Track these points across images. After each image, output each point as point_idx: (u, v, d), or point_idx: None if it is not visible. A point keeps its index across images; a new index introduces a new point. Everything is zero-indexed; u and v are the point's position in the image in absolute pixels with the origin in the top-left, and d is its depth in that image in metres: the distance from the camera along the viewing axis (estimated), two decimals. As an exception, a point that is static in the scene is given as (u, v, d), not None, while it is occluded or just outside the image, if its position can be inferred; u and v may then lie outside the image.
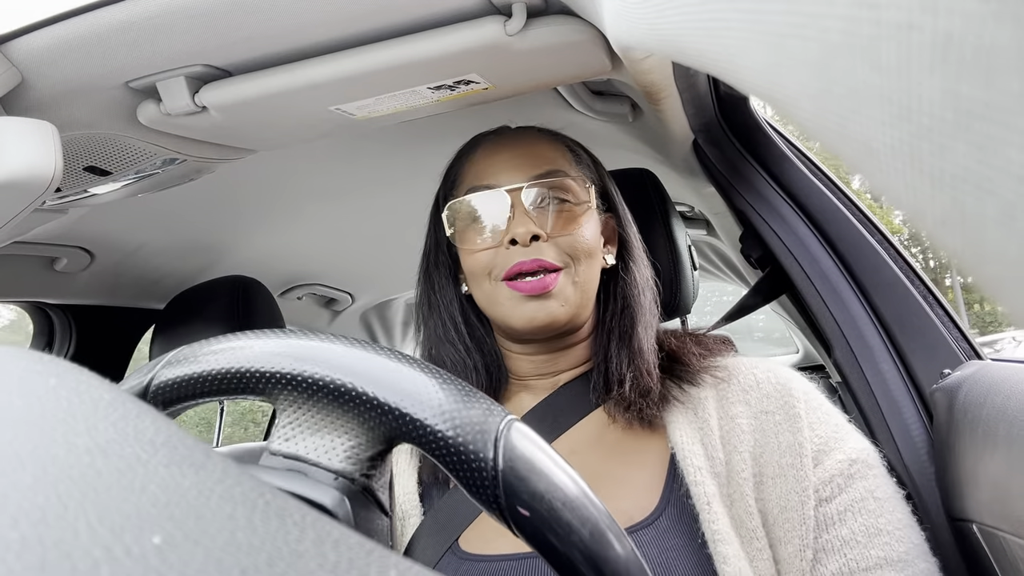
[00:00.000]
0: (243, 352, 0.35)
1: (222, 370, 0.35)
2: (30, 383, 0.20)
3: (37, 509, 0.15)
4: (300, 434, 0.34)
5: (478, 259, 0.78)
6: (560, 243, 0.76)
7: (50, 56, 0.68)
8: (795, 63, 0.21)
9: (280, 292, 1.85)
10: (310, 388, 0.33)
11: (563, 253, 0.76)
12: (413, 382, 0.33)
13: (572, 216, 0.77)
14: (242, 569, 0.15)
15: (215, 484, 0.18)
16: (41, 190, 0.67)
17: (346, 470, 0.34)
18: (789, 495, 0.66)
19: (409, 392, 0.32)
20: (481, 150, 0.83)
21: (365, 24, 0.70)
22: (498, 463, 0.30)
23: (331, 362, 0.34)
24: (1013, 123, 0.13)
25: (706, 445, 0.70)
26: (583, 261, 0.77)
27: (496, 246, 0.76)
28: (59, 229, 1.17)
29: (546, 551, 0.31)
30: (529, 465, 0.31)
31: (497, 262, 0.76)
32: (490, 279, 0.77)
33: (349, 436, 0.34)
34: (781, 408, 0.71)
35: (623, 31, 0.51)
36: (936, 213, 0.16)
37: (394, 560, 0.17)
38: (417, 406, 0.32)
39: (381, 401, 0.32)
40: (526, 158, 0.79)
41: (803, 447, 0.68)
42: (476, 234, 0.78)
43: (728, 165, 1.03)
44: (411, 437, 0.32)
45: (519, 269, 0.74)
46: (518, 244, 0.75)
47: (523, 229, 0.74)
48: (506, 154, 0.80)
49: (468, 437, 0.31)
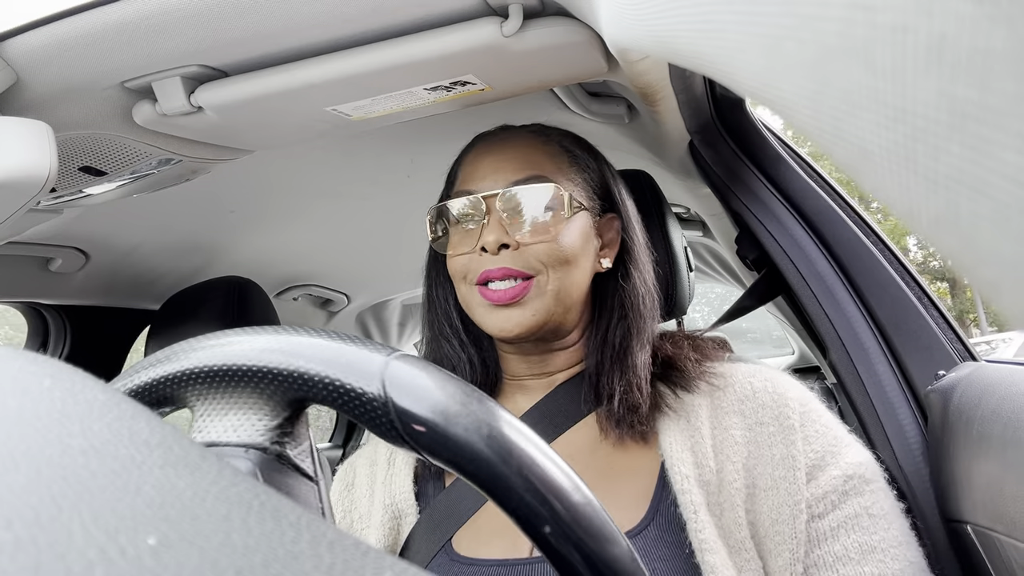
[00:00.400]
0: (152, 367, 0.37)
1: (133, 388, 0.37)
2: (24, 384, 0.20)
3: (31, 510, 0.15)
4: (210, 424, 0.36)
5: (455, 263, 0.78)
6: (533, 251, 0.75)
7: (45, 56, 0.68)
8: (790, 65, 0.21)
9: (276, 293, 1.85)
10: (209, 379, 0.35)
11: (535, 261, 0.75)
12: (299, 344, 0.35)
13: (548, 223, 0.76)
14: (237, 570, 0.15)
15: (210, 485, 0.18)
16: (36, 190, 0.67)
17: (255, 442, 0.35)
18: (781, 508, 0.66)
19: (297, 353, 0.34)
20: (472, 152, 0.83)
21: (361, 25, 0.70)
22: (387, 392, 0.33)
23: (223, 349, 0.36)
24: (1007, 125, 0.13)
25: (696, 453, 0.69)
26: (559, 268, 0.76)
27: (471, 252, 0.76)
28: (54, 229, 1.16)
29: (450, 461, 0.33)
30: (414, 386, 0.33)
31: (471, 267, 0.76)
32: (466, 283, 0.77)
33: (254, 411, 0.36)
34: (776, 419, 0.70)
35: (619, 32, 0.51)
36: (931, 214, 0.16)
37: (389, 562, 0.17)
38: (305, 363, 0.34)
39: (273, 368, 0.34)
40: (510, 162, 0.78)
41: (796, 460, 0.68)
42: (455, 238, 0.79)
43: (724, 167, 1.03)
44: (309, 394, 0.34)
45: (486, 277, 0.74)
46: (487, 252, 0.75)
47: (492, 237, 0.74)
48: (491, 158, 0.80)
49: (356, 378, 0.33)
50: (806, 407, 0.72)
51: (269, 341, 0.35)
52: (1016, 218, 0.14)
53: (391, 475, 0.80)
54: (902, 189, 0.17)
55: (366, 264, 1.91)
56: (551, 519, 0.32)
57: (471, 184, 0.79)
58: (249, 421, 0.35)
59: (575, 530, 0.32)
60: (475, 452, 0.32)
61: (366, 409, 0.33)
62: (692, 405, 0.73)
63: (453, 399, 0.33)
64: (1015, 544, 0.59)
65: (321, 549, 0.17)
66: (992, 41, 0.13)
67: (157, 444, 0.19)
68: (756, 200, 0.97)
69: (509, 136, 0.83)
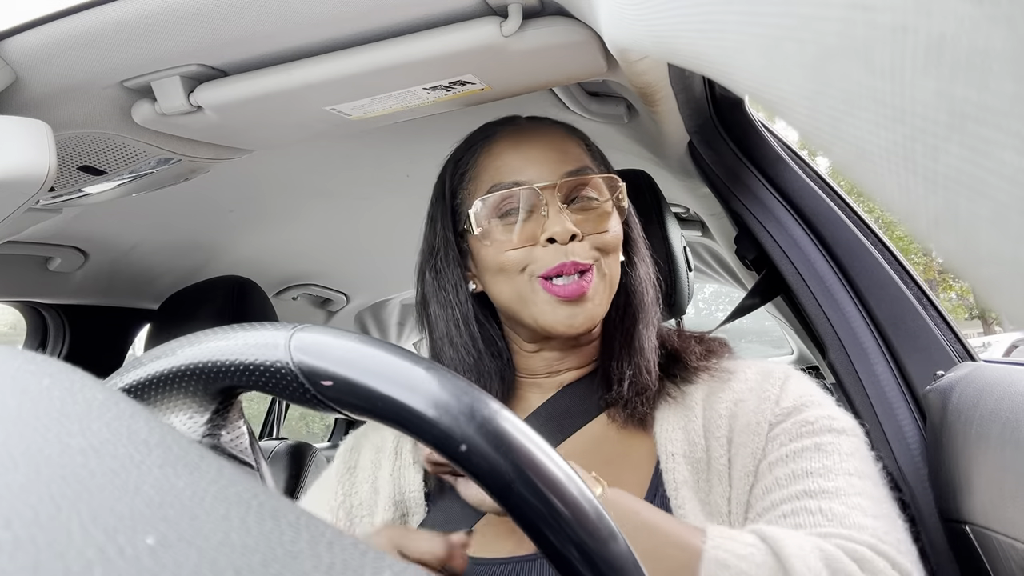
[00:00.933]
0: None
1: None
2: (23, 383, 0.20)
3: (30, 510, 0.15)
4: None
5: (511, 257, 0.75)
6: (593, 241, 0.75)
7: (44, 55, 0.68)
8: (790, 65, 0.21)
9: (275, 292, 1.85)
10: (144, 389, 0.38)
11: (594, 250, 0.75)
12: (211, 338, 0.37)
13: (603, 213, 0.77)
14: (236, 570, 0.15)
15: (209, 484, 0.18)
16: (35, 189, 0.67)
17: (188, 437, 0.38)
18: (747, 465, 0.67)
19: (210, 346, 0.37)
20: (501, 143, 0.80)
21: (360, 24, 0.70)
22: (292, 358, 0.35)
23: (151, 364, 0.38)
24: (1006, 125, 0.13)
25: (687, 431, 0.71)
26: (611, 256, 0.76)
27: (531, 244, 0.75)
28: (53, 228, 1.16)
29: (364, 409, 0.34)
30: (317, 347, 0.35)
31: (534, 258, 0.74)
32: (524, 275, 0.75)
33: (183, 408, 0.38)
34: (757, 392, 0.72)
35: (619, 32, 0.51)
36: (930, 215, 0.16)
37: (388, 561, 0.17)
38: (219, 353, 0.37)
39: (190, 364, 0.37)
40: (553, 152, 0.77)
41: (764, 416, 0.69)
42: (507, 232, 0.76)
43: (723, 167, 1.03)
44: (229, 380, 0.37)
45: (560, 271, 0.73)
46: (555, 243, 0.73)
47: (560, 228, 0.73)
48: (532, 149, 0.78)
49: (264, 354, 0.35)
50: (789, 379, 0.73)
51: (182, 343, 0.38)
52: (1015, 218, 0.14)
53: (399, 467, 0.79)
54: (901, 189, 0.17)
55: (365, 264, 1.91)
56: (464, 439, 0.33)
57: (514, 176, 0.77)
58: (180, 420, 0.38)
59: (487, 445, 0.33)
60: (382, 394, 0.34)
61: (278, 379, 0.35)
62: (689, 393, 0.74)
63: (354, 351, 0.35)
64: (1014, 544, 0.59)
65: (320, 548, 0.17)
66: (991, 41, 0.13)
67: (156, 444, 0.19)
68: (755, 200, 0.97)
69: (537, 128, 0.81)
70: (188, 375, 0.37)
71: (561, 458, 0.35)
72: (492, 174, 0.78)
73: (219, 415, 0.39)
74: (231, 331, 0.37)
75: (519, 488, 0.33)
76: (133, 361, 0.39)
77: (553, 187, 0.75)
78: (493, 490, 0.33)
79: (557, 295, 0.73)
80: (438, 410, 0.33)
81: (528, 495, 0.33)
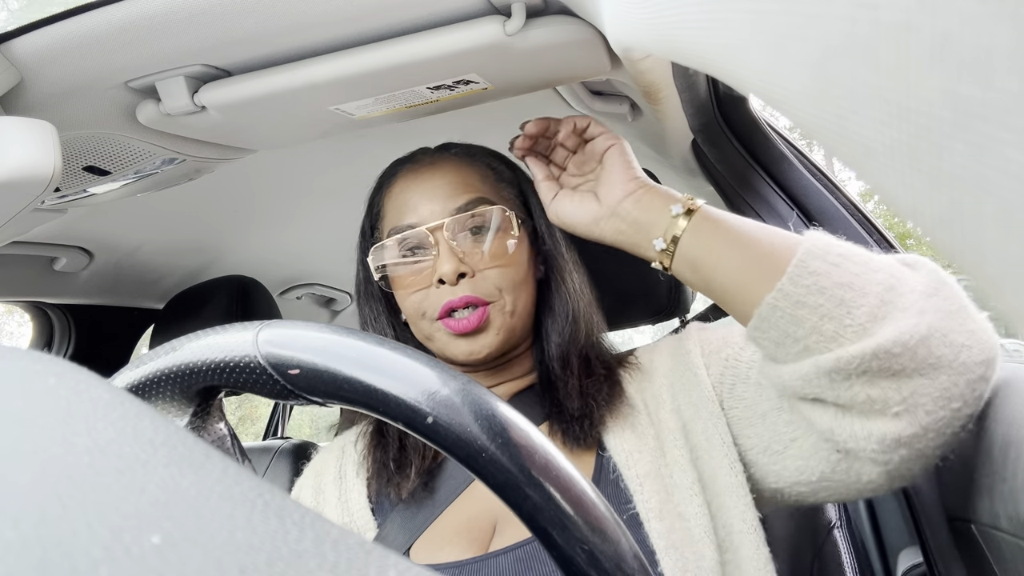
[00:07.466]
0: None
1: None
2: (29, 382, 0.20)
3: (36, 509, 0.15)
4: None
5: (411, 302, 0.77)
6: (489, 276, 0.75)
7: (49, 55, 0.68)
8: (794, 63, 0.21)
9: (279, 292, 1.85)
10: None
11: (492, 286, 0.75)
12: (184, 344, 0.38)
13: (497, 247, 0.76)
14: (241, 568, 0.15)
15: (214, 484, 0.18)
16: (40, 189, 0.67)
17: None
18: (708, 428, 0.69)
19: (186, 351, 0.38)
20: (398, 183, 0.81)
21: (364, 24, 0.70)
22: (260, 351, 0.36)
23: (131, 372, 0.39)
24: (1011, 123, 0.13)
25: (635, 427, 0.72)
26: (514, 291, 0.76)
27: (426, 286, 0.76)
28: (58, 229, 1.17)
29: (333, 395, 0.35)
30: (283, 340, 0.36)
31: (428, 303, 0.75)
32: (425, 319, 0.76)
33: (164, 412, 0.39)
34: (683, 367, 0.74)
35: (622, 31, 0.51)
36: (934, 213, 0.16)
37: (393, 560, 0.17)
38: (191, 355, 0.38)
39: (166, 369, 0.38)
40: (444, 188, 0.77)
41: (706, 386, 0.71)
42: (405, 275, 0.77)
43: (727, 165, 1.03)
44: (205, 381, 0.38)
45: (448, 308, 0.73)
46: (445, 284, 0.74)
47: (448, 268, 0.73)
48: (423, 186, 0.78)
49: (233, 351, 0.37)
50: (703, 338, 0.75)
51: (159, 351, 0.39)
52: (1019, 216, 0.14)
53: (344, 490, 0.80)
54: (905, 187, 0.17)
55: (369, 263, 1.91)
56: (432, 412, 0.34)
57: (407, 217, 0.77)
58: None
59: (455, 415, 0.34)
60: (347, 376, 0.34)
61: (248, 373, 0.36)
62: (628, 400, 0.75)
63: (318, 339, 0.36)
64: (1020, 543, 0.59)
65: (325, 548, 0.17)
66: (996, 39, 0.13)
67: (162, 443, 0.19)
68: (759, 198, 0.97)
69: (435, 161, 0.81)
70: (165, 379, 0.38)
71: (528, 422, 0.35)
72: (393, 216, 0.79)
73: (198, 417, 0.39)
74: (204, 334, 0.38)
75: (492, 453, 0.33)
76: (121, 370, 0.40)
77: (440, 227, 0.75)
78: (463, 458, 0.34)
79: (453, 330, 0.74)
80: (404, 386, 0.34)
81: (501, 458, 0.33)
